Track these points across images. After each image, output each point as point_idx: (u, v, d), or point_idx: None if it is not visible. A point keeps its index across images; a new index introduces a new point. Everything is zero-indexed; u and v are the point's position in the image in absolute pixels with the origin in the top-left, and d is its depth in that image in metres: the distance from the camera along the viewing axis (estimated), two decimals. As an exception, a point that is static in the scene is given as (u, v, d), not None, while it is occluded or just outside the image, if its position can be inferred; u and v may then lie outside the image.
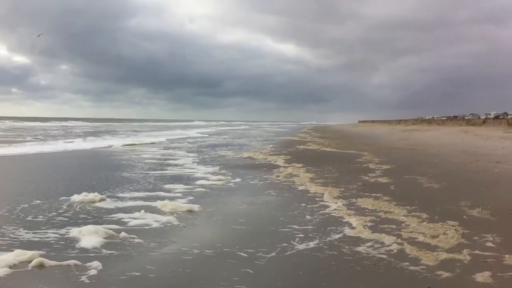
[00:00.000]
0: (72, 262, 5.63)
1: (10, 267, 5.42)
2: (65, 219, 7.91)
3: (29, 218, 7.91)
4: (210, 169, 15.39)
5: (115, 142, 30.55)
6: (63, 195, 9.96)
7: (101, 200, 9.60)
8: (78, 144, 29.28)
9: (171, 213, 8.55)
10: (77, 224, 7.48)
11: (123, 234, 6.89)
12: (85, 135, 43.91)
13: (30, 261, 5.59)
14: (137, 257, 5.95)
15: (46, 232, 6.99)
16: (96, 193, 9.93)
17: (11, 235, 6.79)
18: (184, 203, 9.40)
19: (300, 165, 16.62)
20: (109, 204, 9.26)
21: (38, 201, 9.26)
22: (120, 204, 9.22)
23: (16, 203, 8.97)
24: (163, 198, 9.79)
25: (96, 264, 5.57)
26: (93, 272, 5.35)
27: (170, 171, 15.02)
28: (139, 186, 11.66)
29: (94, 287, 4.93)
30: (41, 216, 8.03)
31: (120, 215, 8.22)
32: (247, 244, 6.46)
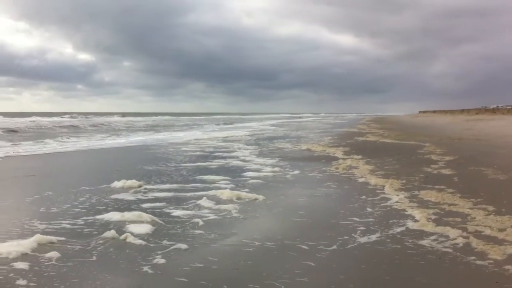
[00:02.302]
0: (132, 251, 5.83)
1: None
2: (123, 205, 8.12)
3: (83, 204, 8.19)
4: (269, 161, 15.44)
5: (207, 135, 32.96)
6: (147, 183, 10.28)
7: (139, 186, 10.38)
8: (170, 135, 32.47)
9: (231, 202, 8.73)
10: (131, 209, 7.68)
11: (180, 223, 7.05)
12: (165, 128, 45.31)
13: (93, 249, 5.82)
14: (199, 248, 6.06)
15: (98, 219, 7.24)
16: (134, 180, 10.69)
17: (63, 222, 7.06)
18: (245, 193, 9.55)
19: (359, 157, 16.42)
20: (166, 192, 9.48)
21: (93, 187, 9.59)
22: (181, 194, 9.40)
23: (76, 190, 9.34)
24: (218, 188, 10.02)
25: (159, 254, 5.74)
26: (156, 261, 5.50)
27: (230, 161, 15.19)
28: (199, 174, 11.87)
29: (159, 278, 5.05)
30: (89, 203, 8.31)
31: (182, 204, 8.39)
32: (308, 237, 6.45)
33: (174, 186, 10.61)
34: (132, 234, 6.57)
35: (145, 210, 8.06)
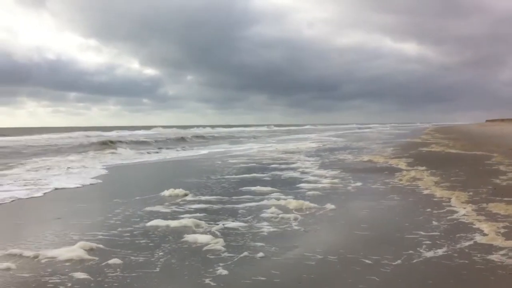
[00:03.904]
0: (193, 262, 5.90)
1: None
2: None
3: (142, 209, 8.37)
4: (330, 172, 15.31)
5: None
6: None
7: (185, 195, 10.87)
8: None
9: (291, 213, 8.77)
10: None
11: (243, 232, 7.09)
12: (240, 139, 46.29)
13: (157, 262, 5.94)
14: (261, 261, 6.06)
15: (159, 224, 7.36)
16: (180, 189, 11.26)
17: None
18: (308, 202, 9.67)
19: (423, 168, 15.98)
20: (219, 203, 9.57)
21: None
22: (234, 205, 9.45)
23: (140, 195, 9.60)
24: (277, 199, 10.12)
25: (220, 266, 5.78)
26: (219, 273, 5.54)
27: (287, 173, 15.15)
28: (263, 183, 11.97)
29: (222, 290, 5.08)
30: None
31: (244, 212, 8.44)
32: (372, 251, 6.32)
33: (225, 198, 10.69)
34: (192, 244, 6.69)
35: (200, 219, 8.29)
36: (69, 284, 5.23)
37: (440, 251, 6.26)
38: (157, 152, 29.76)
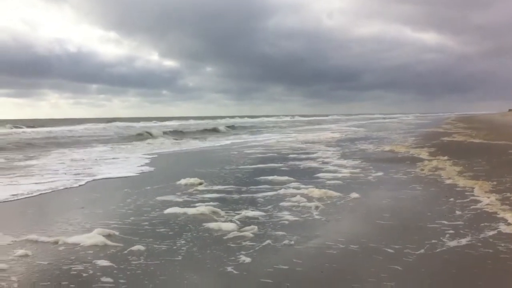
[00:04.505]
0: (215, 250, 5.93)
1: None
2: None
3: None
4: (350, 162, 15.22)
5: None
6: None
7: (200, 183, 11.11)
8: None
9: (319, 200, 8.89)
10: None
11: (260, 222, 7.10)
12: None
13: (180, 249, 5.98)
14: (283, 249, 6.05)
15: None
16: (196, 178, 11.58)
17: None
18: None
19: (445, 157, 15.81)
20: (237, 193, 9.58)
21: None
22: (251, 194, 9.47)
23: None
24: (297, 188, 10.20)
25: (242, 254, 5.80)
26: (242, 261, 5.56)
27: (307, 163, 15.09)
28: (284, 172, 11.93)
29: (245, 278, 5.09)
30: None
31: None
32: (394, 240, 6.28)
33: (244, 188, 10.70)
34: (214, 232, 6.72)
35: (221, 208, 8.40)
36: (91, 271, 5.30)
37: (463, 241, 6.19)
38: (196, 139, 33.66)
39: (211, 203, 8.87)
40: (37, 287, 4.89)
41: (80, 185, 11.59)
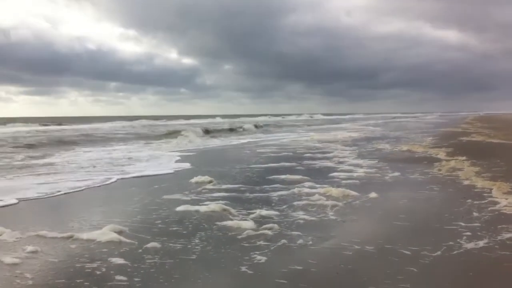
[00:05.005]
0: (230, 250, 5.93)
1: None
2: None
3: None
4: (367, 162, 15.11)
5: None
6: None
7: (210, 182, 11.26)
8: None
9: (335, 200, 8.90)
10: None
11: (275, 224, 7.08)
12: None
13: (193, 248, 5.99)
14: (298, 250, 6.03)
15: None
16: (206, 176, 11.67)
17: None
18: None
19: (464, 158, 15.62)
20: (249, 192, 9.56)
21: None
22: (263, 194, 9.45)
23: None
24: (312, 188, 10.22)
25: (257, 253, 5.79)
26: (257, 261, 5.55)
27: (322, 162, 15.03)
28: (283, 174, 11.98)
29: (259, 278, 5.08)
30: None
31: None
32: (410, 242, 6.21)
33: (257, 187, 10.66)
34: (229, 231, 6.73)
35: (234, 207, 8.42)
36: (104, 269, 5.33)
37: (481, 243, 6.11)
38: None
39: (229, 202, 8.88)
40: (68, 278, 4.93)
41: (111, 182, 11.82)
